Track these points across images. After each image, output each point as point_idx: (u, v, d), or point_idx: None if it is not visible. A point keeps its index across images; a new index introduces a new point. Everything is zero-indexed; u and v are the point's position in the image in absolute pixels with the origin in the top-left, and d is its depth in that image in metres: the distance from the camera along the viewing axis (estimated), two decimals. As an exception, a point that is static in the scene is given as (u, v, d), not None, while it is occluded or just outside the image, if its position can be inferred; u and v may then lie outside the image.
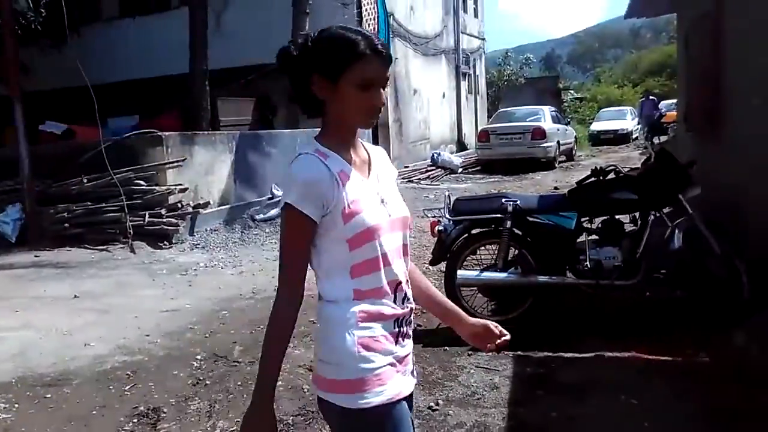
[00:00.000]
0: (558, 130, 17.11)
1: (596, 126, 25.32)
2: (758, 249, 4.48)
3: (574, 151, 18.85)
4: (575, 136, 19.73)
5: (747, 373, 3.36)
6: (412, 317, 1.62)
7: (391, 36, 15.18)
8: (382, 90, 1.54)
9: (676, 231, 4.30)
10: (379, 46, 1.52)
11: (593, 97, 34.96)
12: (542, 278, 4.37)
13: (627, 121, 24.72)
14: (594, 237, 4.49)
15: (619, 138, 23.71)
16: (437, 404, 3.39)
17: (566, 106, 30.27)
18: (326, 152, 1.54)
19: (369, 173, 1.61)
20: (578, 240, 4.46)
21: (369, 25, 13.84)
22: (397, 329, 1.56)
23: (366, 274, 1.52)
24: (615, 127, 24.16)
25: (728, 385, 3.31)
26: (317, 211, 1.49)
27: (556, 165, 16.45)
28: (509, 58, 30.55)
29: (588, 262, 4.31)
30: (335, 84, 1.51)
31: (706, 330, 4.08)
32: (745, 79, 5.30)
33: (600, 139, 24.01)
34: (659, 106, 20.44)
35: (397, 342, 1.56)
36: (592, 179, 4.57)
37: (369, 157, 1.64)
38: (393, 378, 1.54)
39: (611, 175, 4.54)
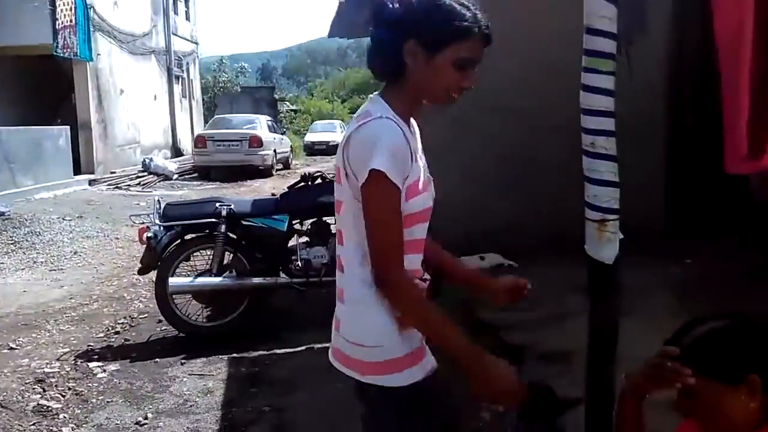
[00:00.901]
0: (275, 139, 17.60)
1: (310, 137, 26.66)
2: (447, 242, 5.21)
3: (290, 160, 19.58)
4: (291, 146, 20.50)
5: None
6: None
7: (91, 30, 13.94)
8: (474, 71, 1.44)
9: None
10: (487, 27, 1.42)
11: (307, 110, 36.71)
12: (257, 280, 4.48)
13: (337, 133, 26.49)
14: (305, 238, 4.75)
15: (332, 149, 25.29)
16: (146, 418, 3.26)
17: (282, 117, 31.25)
18: (399, 119, 1.42)
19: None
20: (290, 241, 4.68)
21: (64, 15, 12.52)
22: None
23: (409, 253, 1.43)
24: (327, 138, 25.69)
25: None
26: (401, 181, 1.36)
27: (274, 173, 16.89)
28: (224, 65, 30.41)
29: (299, 262, 4.55)
30: (432, 56, 1.39)
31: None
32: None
33: (314, 150, 25.32)
34: None
35: None
36: (302, 184, 4.84)
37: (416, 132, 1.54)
38: (427, 351, 1.50)
39: (318, 180, 4.85)
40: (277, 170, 17.51)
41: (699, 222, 5.98)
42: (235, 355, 4.08)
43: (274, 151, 17.07)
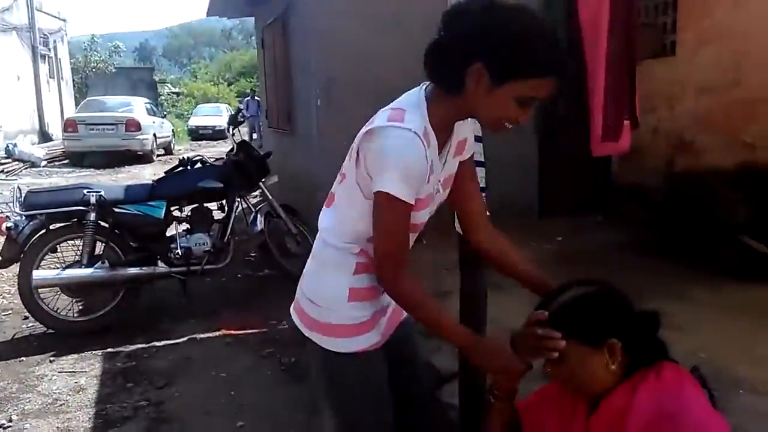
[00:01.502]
0: (154, 122, 16.75)
1: (194, 121, 25.61)
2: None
3: (172, 145, 18.74)
4: (173, 130, 19.62)
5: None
6: None
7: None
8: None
9: (259, 215, 4.70)
10: (564, 70, 1.30)
11: (190, 93, 35.24)
12: (132, 271, 4.25)
13: (223, 117, 25.64)
14: (184, 225, 4.58)
15: (218, 133, 24.47)
16: (10, 420, 3.03)
17: (163, 100, 29.82)
18: (429, 133, 1.37)
19: (440, 155, 1.46)
20: (169, 229, 4.49)
21: None
22: None
23: None
24: (212, 123, 24.81)
25: (299, 344, 3.79)
26: (413, 197, 1.36)
27: (155, 158, 16.11)
28: (96, 43, 28.48)
29: (179, 250, 4.38)
30: (496, 86, 1.28)
31: (288, 299, 4.58)
32: (309, 80, 6.06)
33: (199, 134, 24.39)
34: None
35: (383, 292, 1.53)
36: (180, 168, 4.65)
37: (452, 133, 1.48)
38: (376, 327, 1.54)
39: (198, 165, 4.68)
40: (158, 156, 16.72)
41: (569, 202, 6.37)
42: (110, 349, 3.88)
43: (154, 135, 16.25)
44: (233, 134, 4.98)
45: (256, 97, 19.15)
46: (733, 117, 5.10)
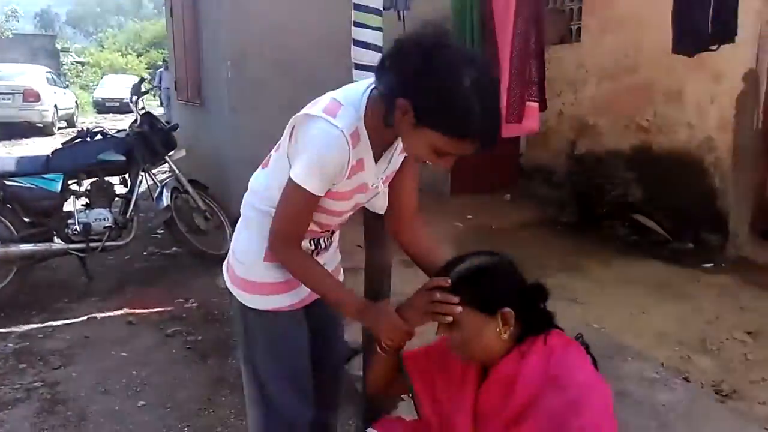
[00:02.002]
0: (55, 93, 15.76)
1: (101, 93, 24.24)
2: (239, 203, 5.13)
3: (75, 117, 17.72)
4: (76, 102, 18.55)
5: (222, 312, 3.82)
6: (332, 235, 1.69)
7: None
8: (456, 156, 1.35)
9: (165, 190, 4.54)
10: (488, 139, 1.29)
11: (97, 63, 33.31)
12: (26, 247, 4.01)
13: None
14: (83, 200, 4.36)
15: (125, 106, 23.26)
16: None
17: (66, 70, 28.09)
18: (361, 134, 1.41)
19: (384, 154, 1.52)
20: (66, 203, 4.26)
21: None
22: (313, 246, 1.62)
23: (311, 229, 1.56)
24: (120, 95, 23.57)
25: (207, 322, 3.74)
26: (324, 187, 1.42)
27: (56, 131, 15.19)
28: (-9, 7, 26.38)
29: (77, 226, 4.17)
30: (417, 125, 1.29)
31: (196, 277, 4.48)
32: (219, 51, 5.87)
33: (106, 107, 23.14)
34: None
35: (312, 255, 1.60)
36: (78, 140, 4.41)
37: (397, 138, 1.49)
38: (293, 291, 1.59)
39: (98, 137, 4.46)
40: (60, 129, 15.77)
41: (479, 181, 6.55)
42: (1, 330, 3.66)
43: (56, 106, 15.29)
44: (136, 104, 4.77)
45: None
46: (630, 102, 5.40)
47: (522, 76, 3.74)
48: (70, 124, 16.96)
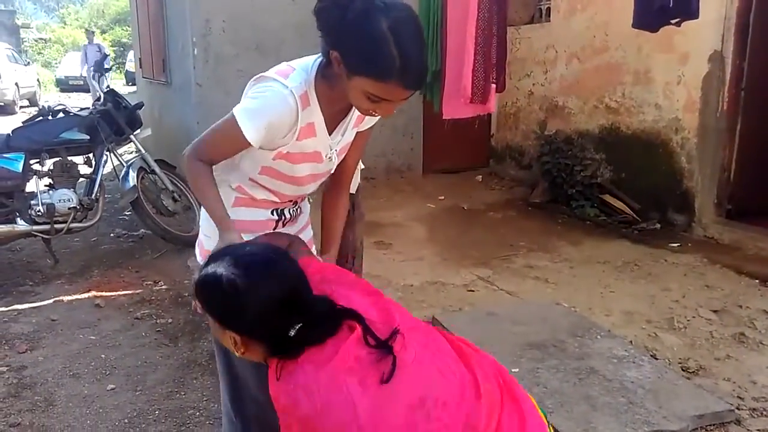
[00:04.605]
0: (16, 70, 15.28)
1: (64, 71, 23.57)
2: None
3: (38, 96, 17.20)
4: (38, 80, 18.01)
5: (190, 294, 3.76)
6: (296, 207, 1.72)
7: None
8: (394, 103, 1.35)
9: (131, 170, 4.43)
10: (411, 80, 1.29)
11: (59, 40, 32.30)
12: (-13, 228, 3.90)
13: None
14: (46, 180, 4.24)
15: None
16: None
17: (28, 47, 27.21)
18: (311, 98, 1.46)
19: (338, 127, 1.56)
20: (28, 184, 4.14)
21: None
22: (276, 216, 1.66)
23: (263, 189, 1.61)
24: (84, 73, 22.97)
25: (177, 304, 3.69)
26: (259, 141, 1.45)
27: (18, 110, 14.75)
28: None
29: (40, 207, 4.05)
30: (349, 75, 1.33)
31: (165, 259, 4.41)
32: (184, 27, 5.72)
33: (69, 85, 22.50)
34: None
35: (276, 227, 1.67)
36: (40, 118, 4.28)
37: (351, 109, 1.54)
38: None
39: (60, 115, 4.33)
40: (22, 107, 15.32)
41: (451, 162, 6.56)
42: (-42, 314, 3.57)
43: (17, 84, 14.84)
44: (100, 82, 4.63)
45: (96, 42, 15.49)
46: (599, 82, 5.44)
47: (486, 58, 3.74)
48: (33, 102, 16.48)
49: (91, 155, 4.40)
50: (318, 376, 1.14)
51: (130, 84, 19.04)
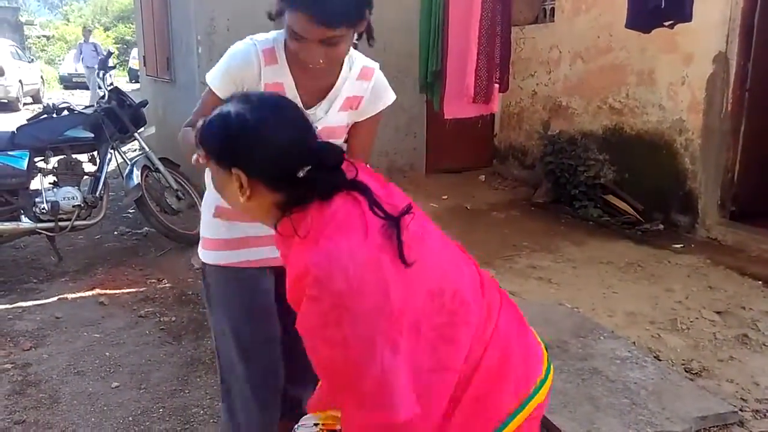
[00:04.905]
0: (20, 68, 15.28)
1: (67, 68, 23.58)
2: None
3: (41, 93, 17.21)
4: (42, 77, 18.02)
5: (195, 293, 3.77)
6: None
7: None
8: (321, 47, 1.37)
9: (135, 168, 4.45)
10: (317, 11, 1.32)
11: (62, 37, 32.31)
12: (-8, 226, 3.92)
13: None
14: (51, 177, 4.25)
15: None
16: None
17: (31, 43, 27.22)
18: (278, 56, 1.52)
19: (319, 102, 1.57)
20: (32, 181, 4.15)
21: None
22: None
23: None
24: (81, 69, 22.91)
25: (180, 302, 3.70)
26: (222, 89, 1.53)
27: (21, 107, 14.76)
28: (-51, -24, 25.35)
29: (45, 205, 4.07)
30: (281, 12, 1.40)
31: (168, 257, 4.42)
32: (189, 25, 5.73)
33: (73, 82, 22.49)
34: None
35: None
36: (44, 116, 4.29)
37: (335, 86, 1.57)
38: (244, 249, 1.66)
39: (65, 113, 4.34)
40: (26, 104, 15.33)
41: (454, 161, 6.56)
42: (-36, 312, 3.58)
43: (20, 81, 14.83)
44: (104, 80, 4.64)
45: (92, 40, 14.97)
46: (603, 83, 5.43)
47: (489, 58, 3.74)
48: (36, 99, 16.48)
49: (95, 153, 4.42)
50: (352, 250, 1.08)
51: (133, 81, 19.05)
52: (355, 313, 1.05)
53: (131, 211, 5.36)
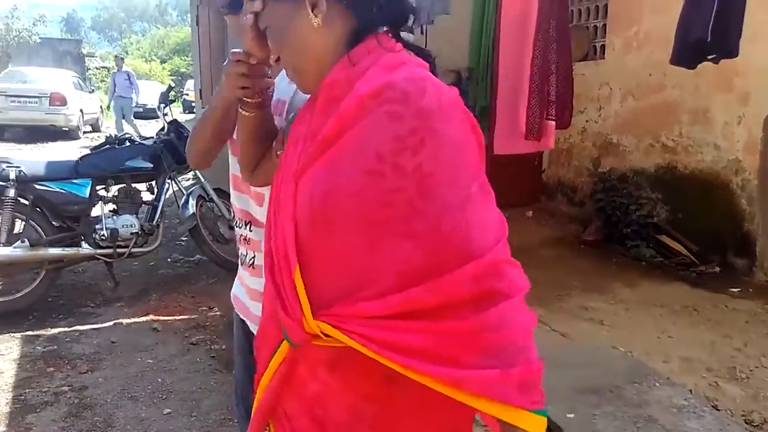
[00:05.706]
0: (81, 97, 15.98)
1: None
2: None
3: (100, 122, 17.92)
4: (101, 106, 18.80)
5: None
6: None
7: None
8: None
9: (190, 198, 4.58)
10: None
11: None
12: (54, 251, 4.07)
13: (155, 96, 24.60)
14: (111, 205, 4.42)
15: (149, 112, 23.40)
16: None
17: (91, 74, 28.45)
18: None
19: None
20: (93, 209, 4.32)
21: None
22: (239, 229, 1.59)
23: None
24: (144, 101, 23.83)
25: (230, 330, 3.74)
26: None
27: (81, 135, 15.39)
28: (19, 11, 26.85)
29: (104, 231, 4.21)
30: None
31: (219, 285, 4.51)
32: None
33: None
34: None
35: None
36: (107, 146, 4.48)
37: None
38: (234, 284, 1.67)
39: (126, 143, 4.52)
40: (85, 133, 15.97)
41: (501, 197, 6.51)
42: (29, 333, 3.72)
43: (81, 111, 15.49)
44: (164, 113, 4.83)
45: (125, 69, 14.76)
46: (655, 120, 5.37)
47: (542, 95, 3.75)
48: (95, 128, 17.16)
49: (153, 183, 4.57)
50: (438, 82, 0.99)
51: (186, 112, 19.68)
52: (441, 138, 0.93)
53: (184, 238, 5.49)
